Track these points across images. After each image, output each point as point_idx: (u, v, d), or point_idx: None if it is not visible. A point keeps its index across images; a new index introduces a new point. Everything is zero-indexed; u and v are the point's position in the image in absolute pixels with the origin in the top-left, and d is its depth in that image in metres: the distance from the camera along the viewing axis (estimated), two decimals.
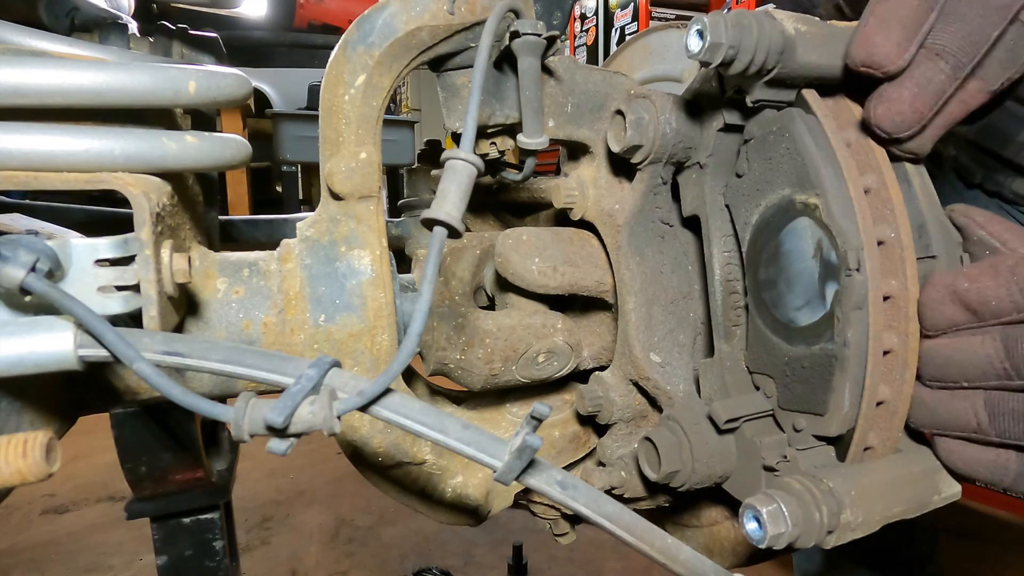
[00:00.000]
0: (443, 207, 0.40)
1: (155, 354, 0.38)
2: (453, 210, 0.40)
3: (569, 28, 4.57)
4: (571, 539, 0.73)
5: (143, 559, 2.10)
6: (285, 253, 0.56)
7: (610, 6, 4.49)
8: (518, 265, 0.64)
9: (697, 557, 0.44)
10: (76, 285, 0.41)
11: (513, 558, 2.05)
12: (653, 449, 0.58)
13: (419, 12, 0.53)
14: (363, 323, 0.55)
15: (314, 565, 2.11)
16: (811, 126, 0.51)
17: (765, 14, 0.49)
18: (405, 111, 6.19)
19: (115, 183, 0.45)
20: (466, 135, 0.43)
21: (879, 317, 0.48)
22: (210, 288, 0.55)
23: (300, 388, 0.37)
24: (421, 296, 0.39)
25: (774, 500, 0.47)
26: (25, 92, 0.44)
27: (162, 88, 0.49)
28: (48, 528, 2.31)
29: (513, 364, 0.64)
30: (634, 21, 4.29)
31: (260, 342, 0.55)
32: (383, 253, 0.56)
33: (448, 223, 0.40)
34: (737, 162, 0.56)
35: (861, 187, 0.50)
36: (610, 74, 0.64)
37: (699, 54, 0.48)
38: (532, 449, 0.38)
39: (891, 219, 0.50)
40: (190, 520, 0.95)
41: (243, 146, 0.56)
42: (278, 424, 0.35)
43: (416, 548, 2.19)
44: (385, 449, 0.59)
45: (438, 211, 0.40)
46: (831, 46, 0.50)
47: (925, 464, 0.51)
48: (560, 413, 0.71)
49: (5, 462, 0.36)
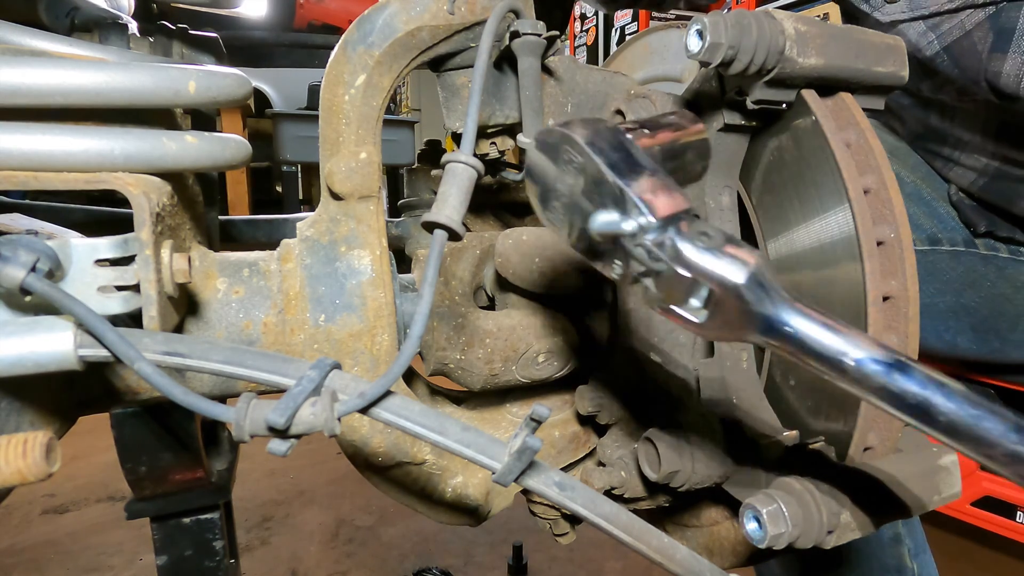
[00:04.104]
0: (443, 210, 0.40)
1: (156, 354, 0.38)
2: (453, 213, 0.40)
3: (569, 28, 4.56)
4: (571, 539, 0.73)
5: (143, 559, 2.10)
6: (285, 253, 0.56)
7: None
8: (518, 265, 0.64)
9: (693, 557, 0.44)
10: (76, 285, 0.41)
11: (513, 558, 2.05)
12: (653, 449, 0.58)
13: (419, 12, 0.53)
14: (363, 323, 0.55)
15: (314, 565, 2.11)
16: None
17: (765, 14, 0.49)
18: (405, 111, 6.19)
19: (115, 183, 0.44)
20: (466, 137, 0.43)
21: (879, 317, 0.48)
22: (210, 288, 0.55)
23: (301, 389, 0.37)
24: (422, 299, 0.39)
25: (774, 500, 0.47)
26: (25, 92, 0.44)
27: (162, 88, 0.49)
28: (48, 528, 2.31)
29: (513, 364, 0.64)
30: (634, 21, 4.29)
31: (260, 342, 0.55)
32: (383, 253, 0.56)
33: (448, 226, 0.40)
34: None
35: (861, 187, 0.50)
36: (610, 74, 0.64)
37: (699, 54, 0.48)
38: (532, 451, 0.38)
39: (891, 219, 0.50)
40: (190, 520, 0.95)
41: (243, 146, 0.56)
42: (280, 425, 0.35)
43: (416, 548, 2.19)
44: (385, 449, 0.59)
45: (438, 214, 0.40)
46: (831, 46, 0.50)
47: (925, 464, 0.51)
48: (560, 413, 0.71)
49: (5, 462, 0.36)
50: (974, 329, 1.03)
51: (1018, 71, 0.78)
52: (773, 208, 0.56)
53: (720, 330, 0.35)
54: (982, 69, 0.82)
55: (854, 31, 0.52)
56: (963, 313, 1.02)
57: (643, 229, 0.35)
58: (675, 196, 0.36)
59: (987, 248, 1.02)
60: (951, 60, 0.85)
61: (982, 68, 0.82)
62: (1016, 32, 0.77)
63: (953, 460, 0.52)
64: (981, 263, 1.02)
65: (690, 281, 0.35)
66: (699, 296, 0.35)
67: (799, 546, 0.47)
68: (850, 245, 0.49)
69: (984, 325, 1.02)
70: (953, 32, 0.83)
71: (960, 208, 1.04)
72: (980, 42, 0.81)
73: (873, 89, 0.55)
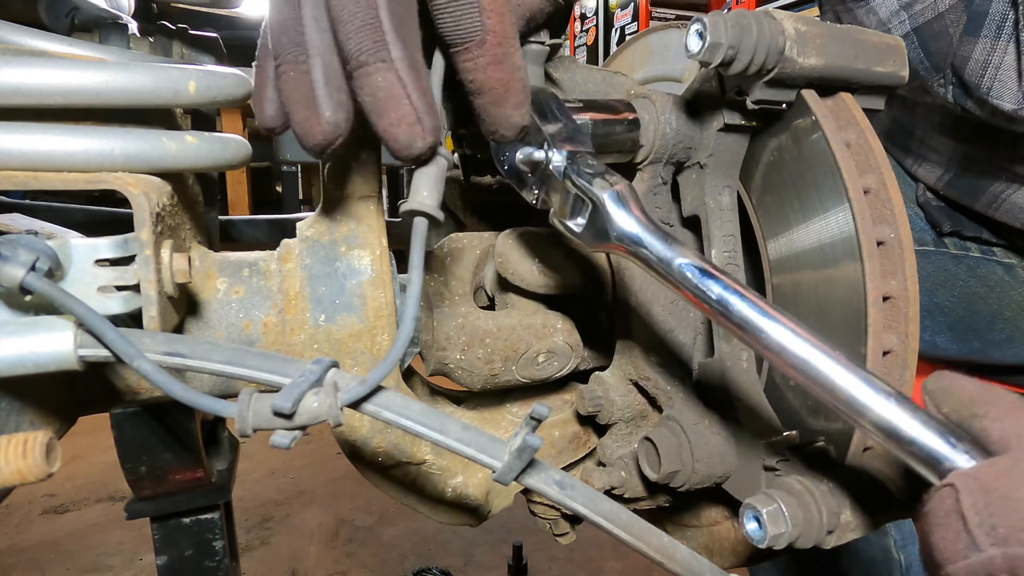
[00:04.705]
0: (416, 198, 0.41)
1: (156, 355, 0.38)
2: (427, 199, 0.41)
3: (569, 28, 4.56)
4: (571, 539, 0.73)
5: (143, 559, 2.10)
6: (285, 253, 0.56)
7: (610, 6, 4.49)
8: (518, 265, 0.64)
9: (693, 556, 0.45)
10: (76, 285, 0.41)
11: (513, 558, 2.05)
12: (653, 449, 0.58)
13: None
14: (363, 323, 0.55)
15: (314, 565, 2.11)
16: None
17: (765, 14, 0.49)
18: None
19: (115, 183, 0.44)
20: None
21: (879, 317, 0.48)
22: (210, 288, 0.55)
23: (304, 379, 0.37)
24: (411, 282, 0.40)
25: (774, 500, 0.47)
26: (25, 92, 0.44)
27: (162, 88, 0.49)
28: (48, 528, 2.31)
29: (513, 364, 0.64)
30: (634, 21, 4.29)
31: (260, 342, 0.55)
32: (383, 253, 0.56)
33: (424, 211, 0.41)
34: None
35: (861, 187, 0.50)
36: (610, 74, 0.64)
37: (699, 54, 0.48)
38: (531, 449, 0.38)
39: (891, 219, 0.50)
40: (190, 520, 0.95)
41: (243, 146, 0.56)
42: (286, 410, 0.36)
43: (416, 548, 2.19)
44: (385, 449, 0.59)
45: (413, 202, 0.41)
46: (831, 46, 0.50)
47: None
48: (560, 413, 0.71)
49: (5, 462, 0.36)
50: (951, 328, 1.03)
51: (987, 57, 0.78)
52: (773, 208, 0.56)
53: (593, 239, 0.47)
54: (950, 53, 0.82)
55: (854, 31, 0.52)
56: (938, 313, 1.03)
57: (548, 159, 0.49)
58: (575, 141, 0.49)
59: (957, 248, 1.03)
60: (920, 42, 0.85)
61: (950, 52, 0.82)
62: (988, 16, 0.77)
63: None
64: (952, 262, 1.02)
65: (575, 198, 0.47)
66: (584, 213, 0.47)
67: (799, 546, 0.47)
68: (850, 245, 0.49)
69: (961, 324, 1.03)
70: (926, 13, 0.84)
71: (926, 209, 1.05)
72: (952, 25, 0.81)
73: (873, 89, 0.55)
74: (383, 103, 0.38)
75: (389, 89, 0.38)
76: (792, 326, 0.39)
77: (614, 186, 0.45)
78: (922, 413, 0.36)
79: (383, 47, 0.38)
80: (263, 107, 0.43)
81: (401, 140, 0.39)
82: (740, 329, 0.40)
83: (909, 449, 0.36)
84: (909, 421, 0.36)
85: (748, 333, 0.40)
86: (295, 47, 0.40)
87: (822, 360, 0.38)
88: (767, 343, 0.39)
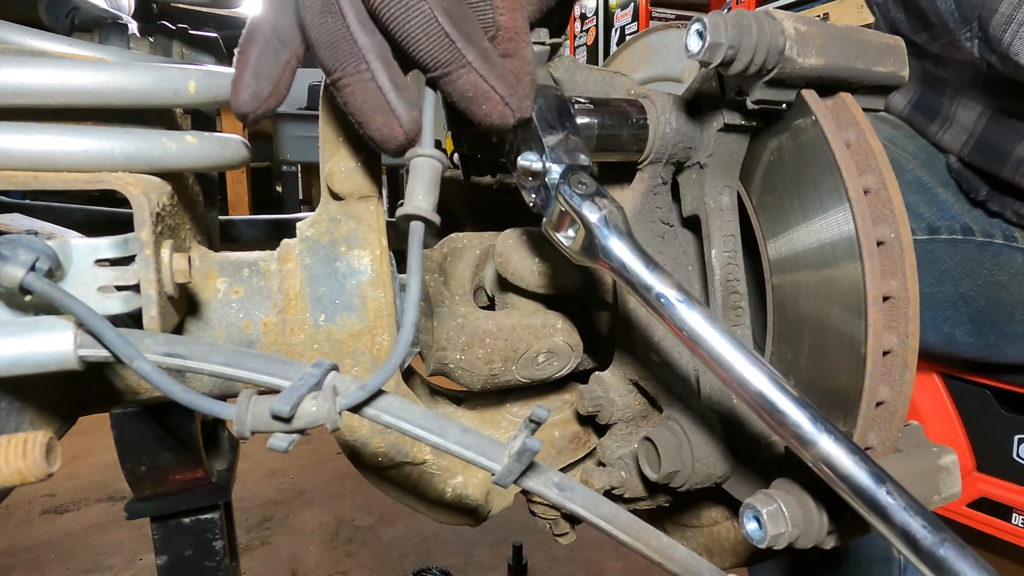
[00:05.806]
0: (412, 202, 0.42)
1: (156, 355, 0.38)
2: (423, 203, 0.41)
3: (569, 28, 4.57)
4: (571, 539, 0.73)
5: (143, 559, 2.10)
6: (285, 253, 0.56)
7: (610, 6, 4.50)
8: (518, 265, 0.64)
9: (692, 556, 0.45)
10: (76, 285, 0.41)
11: (513, 558, 2.05)
12: (653, 449, 0.58)
13: None
14: (363, 323, 0.55)
15: (314, 565, 2.11)
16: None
17: (765, 14, 0.49)
18: None
19: (115, 183, 0.44)
20: (425, 131, 0.44)
21: (879, 317, 0.48)
22: (210, 288, 0.55)
23: (303, 383, 0.37)
24: (409, 287, 0.40)
25: (774, 500, 0.47)
26: (25, 92, 0.44)
27: (162, 88, 0.49)
28: (48, 528, 2.31)
29: (513, 364, 0.64)
30: (634, 21, 4.29)
31: (260, 342, 0.55)
32: (383, 253, 0.56)
33: (420, 215, 0.41)
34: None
35: (861, 187, 0.50)
36: (610, 74, 0.64)
37: (699, 54, 0.48)
38: (531, 452, 0.38)
39: (891, 219, 0.50)
40: (190, 520, 0.95)
41: (243, 146, 0.56)
42: (285, 413, 0.36)
43: (416, 548, 2.19)
44: (385, 450, 0.59)
45: (408, 206, 0.42)
46: (831, 46, 0.50)
47: (925, 464, 0.51)
48: (560, 413, 0.71)
49: (5, 462, 0.36)
50: (972, 320, 1.03)
51: (1012, 12, 0.78)
52: (773, 208, 0.56)
53: (581, 254, 0.48)
54: (979, 5, 0.82)
55: (854, 31, 0.52)
56: (961, 303, 1.03)
57: (545, 170, 0.49)
58: (572, 155, 0.50)
59: (983, 235, 1.03)
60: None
61: (980, 4, 0.82)
62: None
63: (953, 460, 0.52)
64: (977, 251, 1.02)
65: (568, 216, 0.48)
66: (575, 228, 0.48)
67: (799, 546, 0.47)
68: (850, 245, 0.49)
69: (982, 316, 1.03)
70: None
71: (960, 177, 1.05)
72: None
73: (873, 89, 0.55)
74: (475, 100, 0.43)
75: (477, 87, 0.42)
76: (759, 366, 0.42)
77: (603, 210, 0.46)
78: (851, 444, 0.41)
79: (457, 54, 0.41)
80: (239, 92, 0.43)
81: (497, 123, 0.44)
82: (715, 364, 0.43)
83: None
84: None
85: (721, 368, 0.42)
86: (350, 57, 0.41)
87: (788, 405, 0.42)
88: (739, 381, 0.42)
